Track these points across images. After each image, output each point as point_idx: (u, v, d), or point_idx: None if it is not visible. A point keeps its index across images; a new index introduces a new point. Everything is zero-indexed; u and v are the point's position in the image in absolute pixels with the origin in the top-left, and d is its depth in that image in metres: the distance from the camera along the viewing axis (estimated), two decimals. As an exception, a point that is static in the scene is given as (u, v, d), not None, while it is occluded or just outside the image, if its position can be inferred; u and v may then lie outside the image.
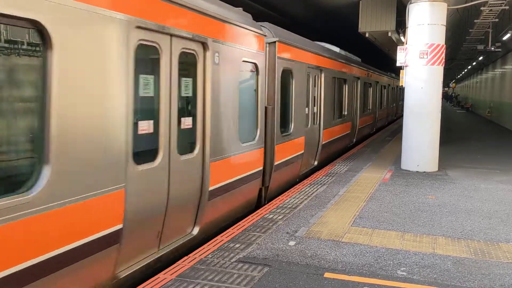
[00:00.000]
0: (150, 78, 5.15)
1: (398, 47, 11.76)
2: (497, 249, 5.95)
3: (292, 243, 6.04)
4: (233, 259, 5.43)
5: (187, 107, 5.96)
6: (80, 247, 4.01)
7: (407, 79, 11.66)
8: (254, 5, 14.66)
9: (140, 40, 4.77)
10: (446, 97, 72.82)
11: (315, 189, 9.33)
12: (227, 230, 6.57)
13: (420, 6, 11.22)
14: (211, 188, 6.27)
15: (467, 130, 24.81)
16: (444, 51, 11.47)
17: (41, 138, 3.63)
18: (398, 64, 11.72)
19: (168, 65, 5.33)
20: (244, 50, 7.33)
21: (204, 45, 6.07)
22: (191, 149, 5.96)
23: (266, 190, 8.74)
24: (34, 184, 3.55)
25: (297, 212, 7.58)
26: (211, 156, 6.25)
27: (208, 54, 6.13)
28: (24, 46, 3.58)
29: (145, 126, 5.04)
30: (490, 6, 13.76)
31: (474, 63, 38.11)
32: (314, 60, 11.39)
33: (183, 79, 5.76)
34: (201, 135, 6.09)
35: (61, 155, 3.74)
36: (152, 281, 4.79)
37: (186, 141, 5.90)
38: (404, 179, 10.57)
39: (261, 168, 8.19)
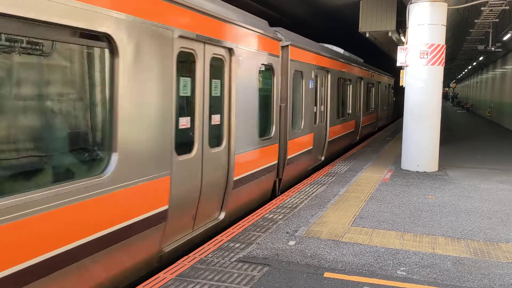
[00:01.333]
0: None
1: (398, 47, 11.76)
2: (496, 249, 5.96)
3: (292, 242, 6.04)
4: (233, 259, 5.43)
5: None
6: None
7: (407, 79, 11.67)
8: (254, 5, 14.66)
9: None
10: (446, 97, 72.84)
11: (315, 189, 9.33)
12: (227, 230, 6.57)
13: (420, 6, 11.22)
14: None
15: (467, 130, 24.81)
16: (445, 51, 11.47)
17: None
18: (398, 64, 11.72)
19: None
20: None
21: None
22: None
23: None
24: None
25: (297, 212, 7.58)
26: None
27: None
28: None
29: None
30: (491, 6, 13.76)
31: (474, 63, 38.11)
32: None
33: None
34: None
35: None
36: (152, 281, 4.79)
37: None
38: (404, 179, 10.57)
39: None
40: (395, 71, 26.56)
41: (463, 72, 56.76)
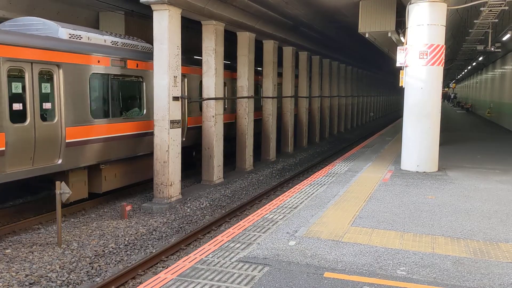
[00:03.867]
0: None
1: (398, 48, 11.77)
2: (496, 249, 5.97)
3: (292, 243, 6.05)
4: (234, 259, 5.45)
5: None
6: None
7: (407, 79, 11.68)
8: (253, 5, 14.67)
9: None
10: (445, 97, 72.80)
11: (315, 189, 9.34)
12: (227, 230, 6.59)
13: (420, 7, 11.23)
14: None
15: (467, 130, 24.83)
16: (444, 51, 11.48)
17: None
18: (398, 64, 11.72)
19: None
20: None
21: None
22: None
23: None
24: None
25: (297, 212, 7.60)
26: None
27: None
28: None
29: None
30: (490, 7, 13.75)
31: (474, 64, 38.10)
32: None
33: None
34: None
35: None
36: (153, 281, 4.81)
37: None
38: (404, 179, 10.59)
39: None
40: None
41: (463, 73, 56.76)
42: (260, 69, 19.26)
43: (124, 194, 12.91)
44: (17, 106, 9.08)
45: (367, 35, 15.83)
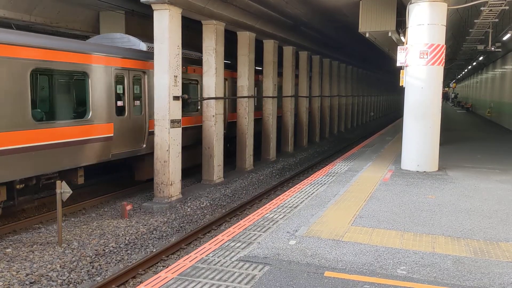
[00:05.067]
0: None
1: (398, 47, 11.77)
2: (496, 248, 5.98)
3: (292, 242, 6.06)
4: (234, 258, 5.46)
5: None
6: None
7: (407, 79, 11.68)
8: (254, 5, 14.67)
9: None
10: (446, 97, 72.78)
11: (315, 189, 9.35)
12: (228, 229, 6.60)
13: (420, 6, 11.23)
14: None
15: (467, 130, 24.83)
16: (444, 51, 11.48)
17: None
18: (398, 64, 11.72)
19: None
20: None
21: None
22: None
23: None
24: None
25: (297, 211, 7.61)
26: None
27: None
28: None
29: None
30: (490, 6, 13.75)
31: (474, 63, 38.10)
32: None
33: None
34: None
35: None
36: (154, 280, 4.82)
37: None
38: (404, 178, 10.59)
39: None
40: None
41: (463, 72, 56.75)
42: (261, 68, 19.26)
43: (124, 194, 12.92)
44: (120, 103, 11.71)
45: (367, 35, 15.83)
